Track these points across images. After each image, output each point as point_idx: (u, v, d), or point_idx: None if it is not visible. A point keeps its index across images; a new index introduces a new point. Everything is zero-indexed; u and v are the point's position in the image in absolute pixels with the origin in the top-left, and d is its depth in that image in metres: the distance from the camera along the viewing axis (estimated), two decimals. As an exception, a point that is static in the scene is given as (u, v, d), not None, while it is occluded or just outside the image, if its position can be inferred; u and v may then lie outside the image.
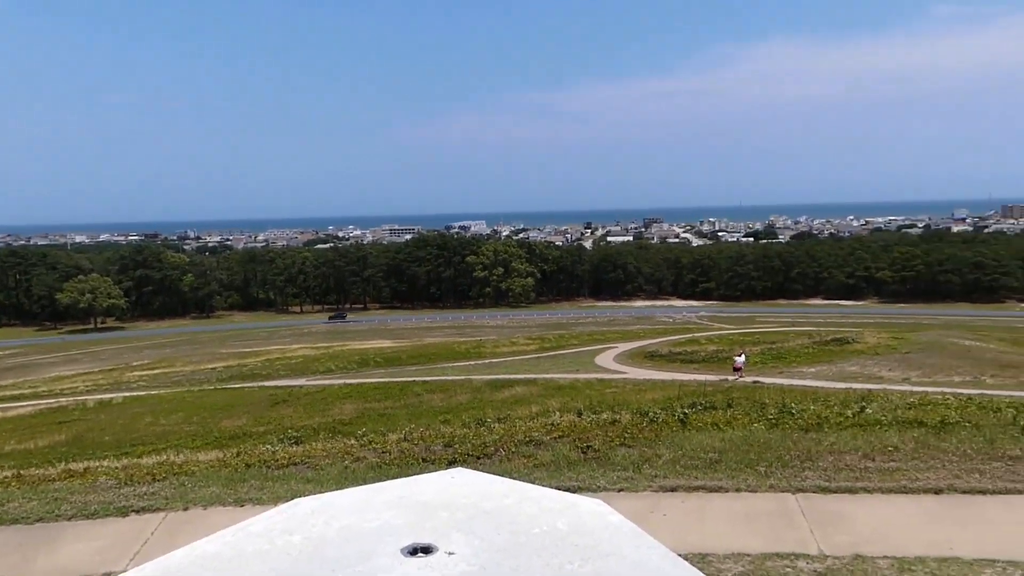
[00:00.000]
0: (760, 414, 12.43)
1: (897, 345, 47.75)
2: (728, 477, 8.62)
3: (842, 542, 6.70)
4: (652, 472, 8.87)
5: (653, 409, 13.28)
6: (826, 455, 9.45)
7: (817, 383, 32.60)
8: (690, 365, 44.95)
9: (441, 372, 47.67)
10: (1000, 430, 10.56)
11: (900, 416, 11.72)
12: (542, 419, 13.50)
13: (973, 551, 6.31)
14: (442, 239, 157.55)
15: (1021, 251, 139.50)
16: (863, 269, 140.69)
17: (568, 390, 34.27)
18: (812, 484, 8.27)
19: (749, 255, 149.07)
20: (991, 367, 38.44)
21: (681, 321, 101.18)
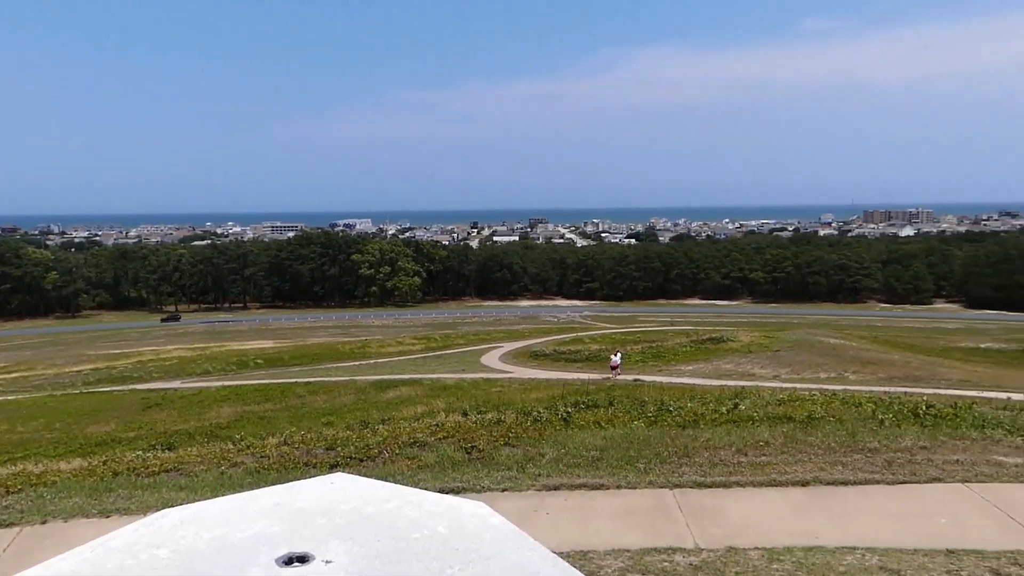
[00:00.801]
0: (640, 412, 12.79)
1: (768, 343, 50.05)
2: (609, 474, 8.81)
3: (716, 535, 6.95)
4: (536, 471, 8.96)
5: (537, 408, 13.44)
6: (702, 451, 9.81)
7: (694, 381, 33.78)
8: (574, 364, 45.73)
9: (325, 373, 46.71)
10: (861, 424, 11.24)
11: (771, 412, 12.30)
12: (427, 420, 13.45)
13: (836, 539, 6.67)
14: (327, 237, 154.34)
15: (881, 254, 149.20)
16: (738, 270, 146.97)
17: (454, 390, 34.24)
18: (689, 479, 8.56)
19: (631, 256, 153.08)
20: (854, 364, 40.86)
21: (566, 321, 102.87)
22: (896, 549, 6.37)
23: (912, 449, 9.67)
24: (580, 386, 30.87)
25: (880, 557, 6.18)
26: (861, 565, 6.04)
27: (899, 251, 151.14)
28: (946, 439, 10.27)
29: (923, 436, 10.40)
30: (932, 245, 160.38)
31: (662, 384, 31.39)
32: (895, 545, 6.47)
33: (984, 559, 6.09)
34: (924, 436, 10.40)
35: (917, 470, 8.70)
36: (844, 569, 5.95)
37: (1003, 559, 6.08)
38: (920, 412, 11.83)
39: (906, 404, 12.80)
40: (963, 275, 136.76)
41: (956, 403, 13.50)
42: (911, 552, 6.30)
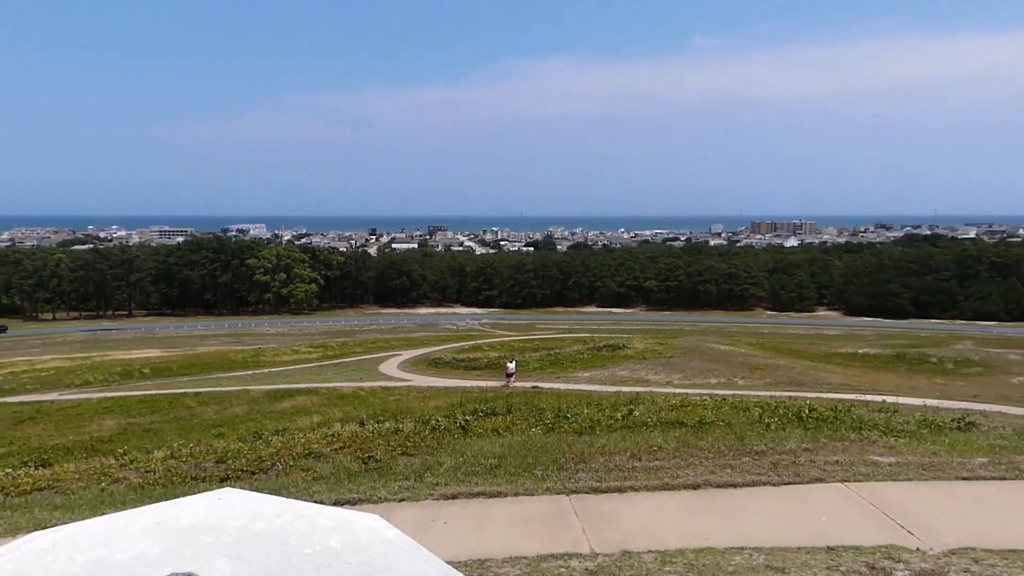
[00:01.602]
0: (538, 419, 12.90)
1: (662, 350, 51.37)
2: (507, 482, 8.83)
3: (612, 539, 7.06)
4: (434, 480, 8.90)
5: (436, 417, 13.37)
6: (598, 456, 9.96)
7: (592, 387, 34.33)
8: (473, 372, 45.74)
9: (216, 383, 45.12)
10: (749, 427, 11.67)
11: (664, 417, 12.63)
12: (323, 430, 13.16)
13: (725, 541, 6.89)
14: (219, 242, 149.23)
15: (767, 264, 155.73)
16: (633, 279, 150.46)
17: (351, 399, 33.68)
18: (585, 485, 8.67)
19: (530, 264, 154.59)
20: (742, 369, 42.40)
21: (465, 328, 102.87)
22: (781, 548, 6.62)
23: (796, 451, 10.11)
24: (479, 394, 30.89)
25: (766, 556, 6.42)
26: (748, 565, 6.24)
27: (784, 261, 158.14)
28: (827, 441, 10.78)
29: (806, 438, 10.88)
30: (814, 255, 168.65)
31: (560, 391, 31.76)
32: (780, 544, 6.72)
33: (861, 554, 6.41)
34: (807, 438, 10.89)
35: (800, 471, 9.09)
36: (733, 569, 6.14)
37: (878, 554, 6.41)
38: (803, 415, 12.38)
39: (791, 408, 13.38)
40: (842, 284, 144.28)
41: (836, 406, 14.19)
42: (795, 550, 6.56)
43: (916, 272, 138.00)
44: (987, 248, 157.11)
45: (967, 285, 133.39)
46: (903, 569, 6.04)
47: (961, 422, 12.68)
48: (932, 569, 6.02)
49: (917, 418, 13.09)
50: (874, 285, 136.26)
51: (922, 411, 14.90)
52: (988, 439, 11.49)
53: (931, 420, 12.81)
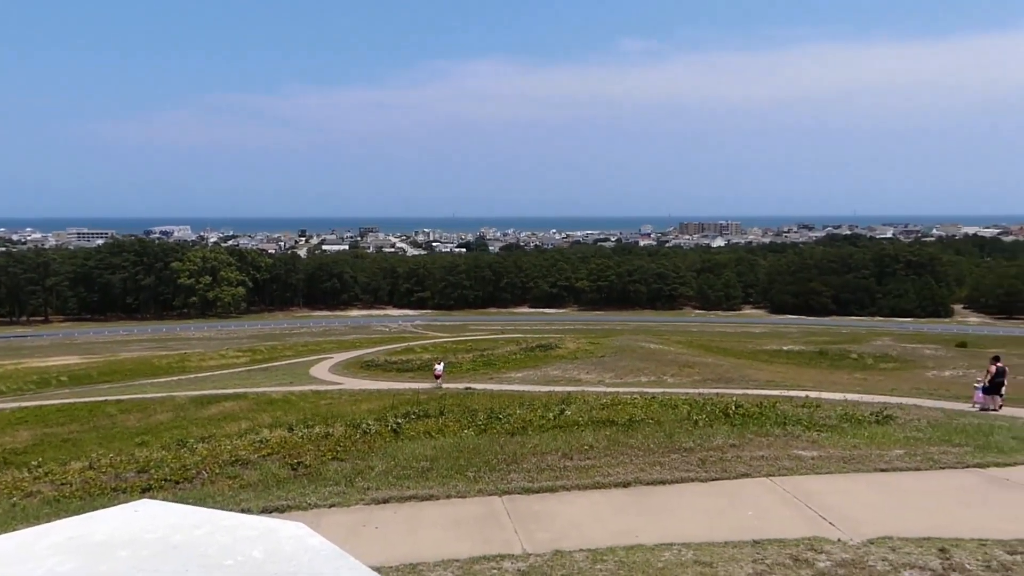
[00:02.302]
0: (471, 420, 12.88)
1: (593, 350, 51.91)
2: (440, 484, 8.79)
3: (543, 539, 7.08)
4: (365, 485, 8.79)
5: (367, 420, 13.22)
6: (530, 457, 10.00)
7: (524, 387, 34.44)
8: (406, 374, 45.41)
9: (139, 389, 43.72)
10: (677, 425, 11.88)
11: (595, 416, 12.75)
12: (251, 436, 12.87)
13: (655, 537, 6.98)
14: (141, 244, 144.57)
15: (695, 264, 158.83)
16: (564, 279, 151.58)
17: (281, 404, 33.04)
18: (517, 485, 8.69)
19: (462, 265, 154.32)
20: (672, 368, 43.13)
21: (397, 330, 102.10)
22: (709, 543, 6.74)
23: (723, 447, 10.32)
24: (411, 396, 30.68)
25: (695, 552, 6.53)
26: (678, 560, 6.34)
27: (711, 261, 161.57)
28: (753, 436, 11.04)
29: (733, 434, 11.13)
30: (740, 255, 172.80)
31: (493, 392, 31.77)
32: (708, 539, 6.85)
33: (785, 547, 6.57)
34: (734, 434, 11.13)
35: (728, 467, 9.28)
36: (662, 565, 6.23)
37: (801, 545, 6.59)
38: (730, 412, 12.66)
39: (718, 405, 13.66)
40: (767, 283, 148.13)
41: (762, 402, 14.57)
42: (722, 545, 6.69)
43: (837, 271, 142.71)
44: (903, 247, 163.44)
45: (885, 283, 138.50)
46: (825, 560, 6.22)
47: (879, 416, 13.14)
48: (852, 559, 6.21)
49: (838, 413, 13.51)
50: (797, 284, 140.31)
51: (843, 406, 15.39)
52: (904, 432, 11.94)
53: (851, 414, 13.24)
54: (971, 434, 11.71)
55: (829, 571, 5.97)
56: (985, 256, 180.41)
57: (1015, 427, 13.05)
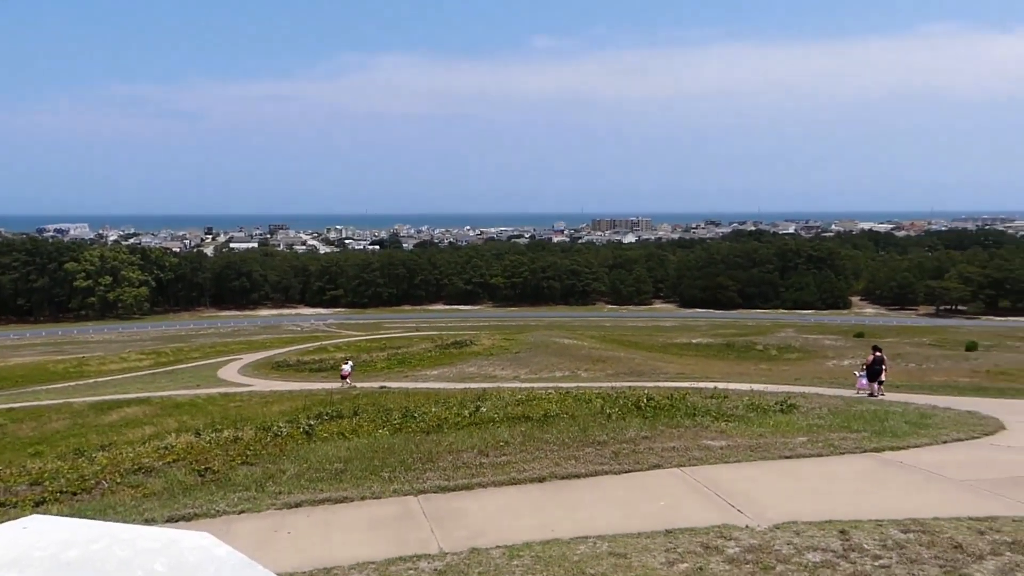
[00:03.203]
0: (385, 420, 12.75)
1: (509, 346, 52.18)
2: (354, 486, 8.66)
3: (460, 537, 7.06)
4: (276, 489, 8.59)
5: (278, 423, 12.93)
6: (446, 455, 9.96)
7: (440, 385, 34.34)
8: (319, 374, 44.65)
9: (33, 396, 41.57)
10: (591, 419, 12.03)
11: (510, 412, 12.80)
12: (155, 442, 12.42)
13: (570, 531, 7.04)
14: (33, 243, 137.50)
15: (607, 259, 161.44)
16: (479, 276, 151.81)
17: (188, 408, 31.98)
18: (433, 484, 8.64)
19: (375, 263, 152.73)
20: (586, 362, 43.75)
21: (309, 329, 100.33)
22: (623, 534, 6.85)
23: (636, 440, 10.51)
24: (325, 396, 30.18)
25: (609, 543, 6.62)
26: (593, 552, 6.42)
27: (623, 257, 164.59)
28: (664, 428, 11.29)
29: (645, 426, 11.35)
30: (651, 251, 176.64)
31: (408, 390, 31.55)
32: (622, 531, 6.96)
33: (696, 535, 6.74)
34: (646, 426, 11.36)
35: (640, 459, 9.45)
36: (578, 558, 6.29)
37: (711, 533, 6.76)
38: (642, 405, 12.91)
39: (630, 398, 13.91)
40: (677, 278, 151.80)
41: (672, 395, 14.90)
42: (636, 535, 6.80)
43: (743, 265, 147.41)
44: (804, 243, 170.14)
45: (788, 277, 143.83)
46: (734, 546, 6.39)
47: (783, 405, 13.63)
48: (759, 544, 6.41)
49: (745, 403, 13.95)
50: (705, 278, 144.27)
51: (749, 396, 15.89)
52: (807, 419, 12.42)
53: (757, 404, 13.69)
54: (868, 420, 12.27)
55: (738, 557, 6.14)
56: (880, 250, 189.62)
57: (908, 412, 13.73)
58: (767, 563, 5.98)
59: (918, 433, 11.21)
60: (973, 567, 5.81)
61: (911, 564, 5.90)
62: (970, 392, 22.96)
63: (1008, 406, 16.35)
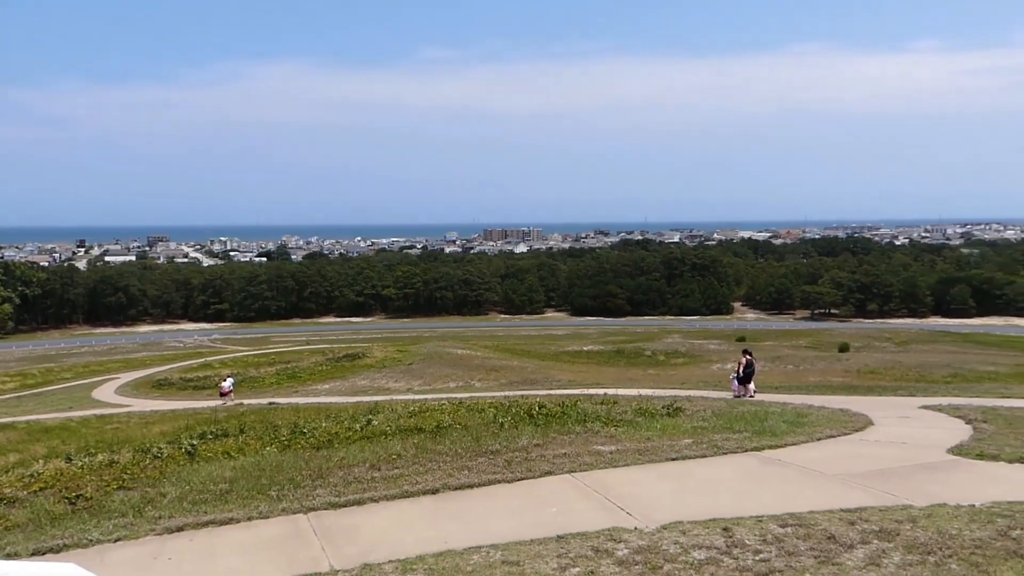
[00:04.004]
0: (273, 436, 12.39)
1: (402, 358, 51.72)
2: (240, 507, 8.37)
3: (351, 553, 6.93)
4: (156, 514, 8.20)
5: (158, 444, 12.36)
6: (336, 470, 9.76)
7: (331, 399, 33.68)
8: (203, 391, 42.99)
9: None
10: (484, 428, 12.05)
11: (403, 425, 12.67)
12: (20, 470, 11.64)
13: (464, 541, 7.02)
14: None
15: (500, 269, 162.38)
16: (371, 287, 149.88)
17: (59, 432, 30.13)
18: (323, 501, 8.45)
19: (263, 275, 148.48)
20: (479, 372, 43.84)
21: (193, 345, 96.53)
22: (516, 542, 6.88)
23: (528, 447, 10.60)
24: (209, 415, 29.06)
25: (503, 552, 6.63)
26: (486, 562, 6.42)
27: (515, 266, 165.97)
28: (556, 435, 11.43)
29: (537, 434, 11.46)
30: (542, 260, 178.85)
31: (299, 405, 30.80)
32: (515, 538, 6.99)
33: (587, 539, 6.84)
34: (538, 434, 11.46)
35: (532, 466, 9.53)
36: (471, 568, 6.28)
37: (602, 536, 6.88)
38: (534, 413, 13.03)
39: (523, 407, 14.01)
40: (568, 286, 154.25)
41: (564, 402, 15.10)
42: (528, 543, 6.85)
43: (631, 274, 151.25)
44: (689, 251, 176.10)
45: (674, 284, 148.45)
46: (623, 548, 6.53)
47: (670, 408, 14.03)
48: (648, 545, 6.57)
49: (633, 408, 14.29)
50: (596, 287, 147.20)
51: (638, 401, 16.28)
52: (692, 422, 12.84)
53: (645, 408, 14.05)
54: (749, 421, 12.78)
55: (627, 558, 6.27)
56: (759, 258, 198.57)
57: (785, 412, 14.39)
58: (655, 563, 6.13)
59: (795, 432, 11.76)
60: (844, 556, 6.14)
61: (789, 556, 6.17)
62: (842, 391, 24.25)
63: (876, 403, 17.35)
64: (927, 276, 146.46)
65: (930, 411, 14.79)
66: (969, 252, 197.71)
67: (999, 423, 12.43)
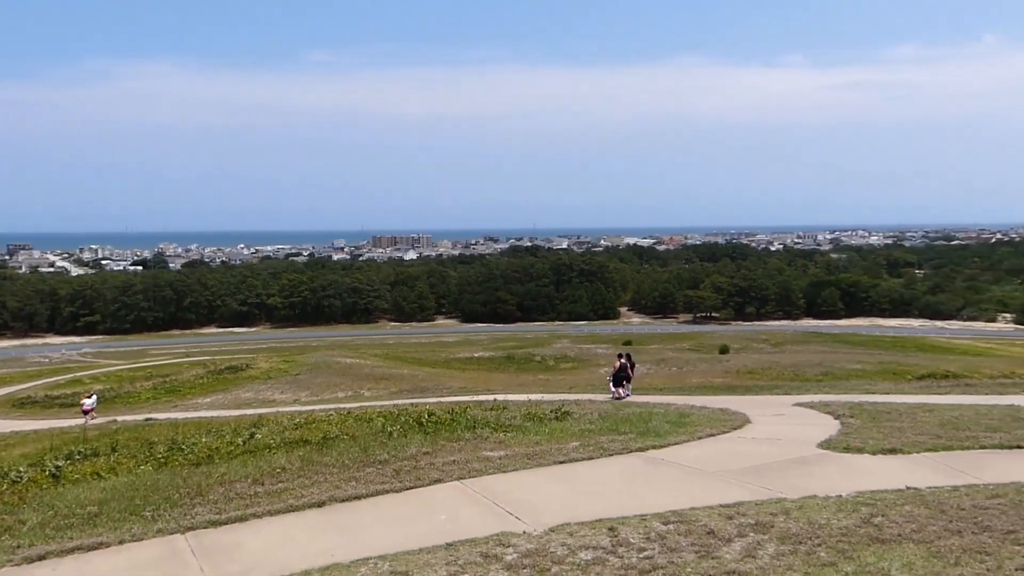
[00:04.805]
0: (149, 454, 11.85)
1: (288, 368, 50.49)
2: (110, 530, 7.93)
3: (233, 572, 6.68)
4: (14, 543, 7.67)
5: (18, 468, 11.57)
6: (217, 487, 9.40)
7: (213, 413, 32.51)
8: (72, 409, 40.61)
9: None
10: (372, 438, 11.88)
11: (288, 437, 12.34)
12: None
13: (351, 554, 6.87)
14: None
15: (389, 277, 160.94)
16: (255, 296, 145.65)
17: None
18: (203, 519, 8.11)
19: (138, 285, 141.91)
20: (369, 381, 43.27)
21: (61, 360, 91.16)
22: (404, 552, 6.79)
23: (417, 456, 10.50)
24: (78, 434, 27.49)
25: (390, 563, 6.54)
26: (374, 573, 6.31)
27: (405, 273, 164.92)
28: (445, 443, 11.38)
29: (426, 442, 11.38)
30: (432, 267, 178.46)
31: (178, 421, 29.55)
32: (403, 548, 6.90)
33: (476, 545, 6.82)
34: (427, 442, 11.38)
35: (421, 475, 9.45)
36: (358, 581, 6.16)
37: (491, 542, 6.88)
38: (424, 421, 12.94)
39: (412, 415, 13.90)
40: (458, 293, 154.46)
41: (453, 409, 15.07)
42: (417, 552, 6.77)
43: (520, 280, 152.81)
44: (577, 257, 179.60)
45: (562, 290, 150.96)
46: (512, 553, 6.55)
47: (558, 412, 14.22)
48: (536, 548, 6.62)
49: (522, 413, 14.40)
50: (486, 293, 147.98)
51: (527, 406, 16.42)
52: (579, 425, 13.04)
53: (534, 413, 14.18)
54: (634, 422, 13.09)
55: (516, 563, 6.30)
56: (644, 264, 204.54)
57: (669, 413, 14.82)
58: (543, 566, 6.18)
59: (677, 432, 12.12)
60: (723, 549, 6.36)
61: (671, 552, 6.35)
62: (723, 391, 25.20)
63: (753, 402, 18.11)
64: (800, 280, 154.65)
65: (803, 408, 15.54)
66: (838, 257, 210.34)
67: (864, 418, 13.17)
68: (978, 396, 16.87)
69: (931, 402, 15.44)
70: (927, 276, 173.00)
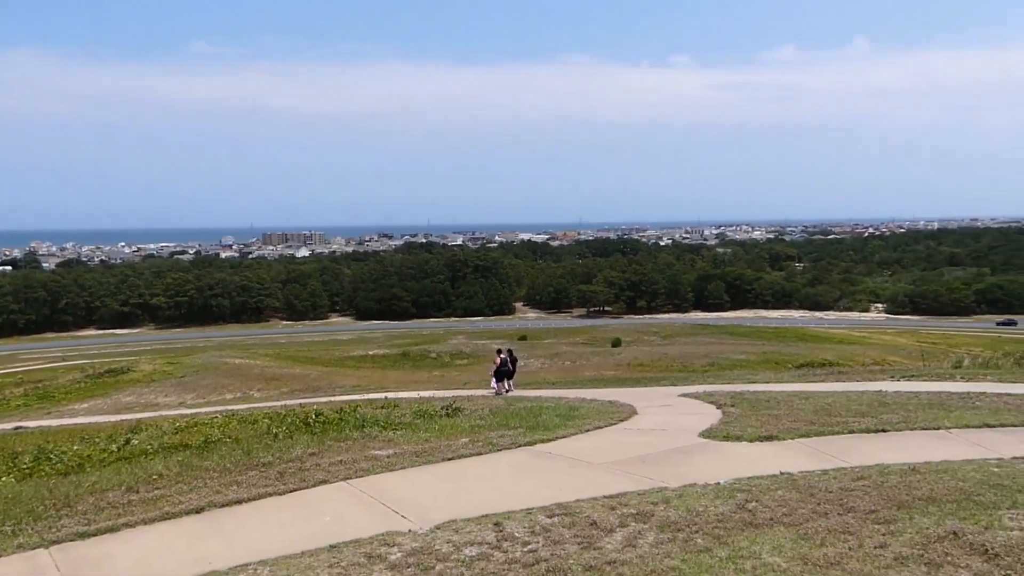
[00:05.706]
0: (12, 465, 11.16)
1: (172, 370, 48.60)
2: (-36, 547, 7.41)
3: (102, 586, 6.37)
4: None
5: None
6: (87, 497, 8.94)
7: (90, 419, 30.91)
8: (-68, 419, 37.90)
9: None
10: (256, 440, 11.54)
11: (167, 442, 11.86)
12: None
13: (230, 560, 6.66)
14: None
15: (281, 274, 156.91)
16: (138, 296, 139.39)
17: None
18: (70, 532, 7.68)
19: (7, 286, 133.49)
20: (259, 381, 42.12)
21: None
22: (286, 556, 6.63)
23: (303, 457, 10.28)
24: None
25: (271, 568, 6.37)
26: (253, 580, 6.14)
27: (297, 271, 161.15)
28: (332, 443, 11.18)
29: (313, 443, 11.14)
30: (325, 265, 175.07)
31: (50, 428, 27.93)
32: (285, 552, 6.73)
33: (360, 546, 6.73)
34: (314, 443, 11.15)
35: (307, 476, 9.25)
36: (236, 589, 5.98)
37: (376, 542, 6.80)
38: (311, 421, 12.68)
39: (299, 415, 13.59)
40: (352, 290, 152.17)
41: (343, 408, 14.82)
42: (299, 555, 6.62)
43: (415, 276, 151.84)
44: (472, 253, 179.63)
45: (458, 286, 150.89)
46: (397, 552, 6.49)
47: (449, 409, 14.20)
48: (421, 547, 6.58)
49: (413, 410, 14.31)
50: (380, 290, 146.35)
51: (418, 403, 16.32)
52: (470, 421, 13.06)
53: (425, 410, 14.12)
54: (524, 417, 13.21)
55: (400, 562, 6.24)
56: (538, 259, 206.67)
57: (559, 407, 15.02)
58: (427, 564, 6.16)
59: (566, 425, 12.30)
60: (605, 540, 6.49)
61: (555, 545, 6.43)
62: (613, 384, 25.73)
63: (642, 394, 18.57)
64: (688, 274, 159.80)
65: (688, 398, 16.04)
66: (723, 251, 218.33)
67: (744, 407, 13.71)
68: (850, 383, 17.83)
69: (807, 390, 16.22)
70: (806, 269, 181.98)
